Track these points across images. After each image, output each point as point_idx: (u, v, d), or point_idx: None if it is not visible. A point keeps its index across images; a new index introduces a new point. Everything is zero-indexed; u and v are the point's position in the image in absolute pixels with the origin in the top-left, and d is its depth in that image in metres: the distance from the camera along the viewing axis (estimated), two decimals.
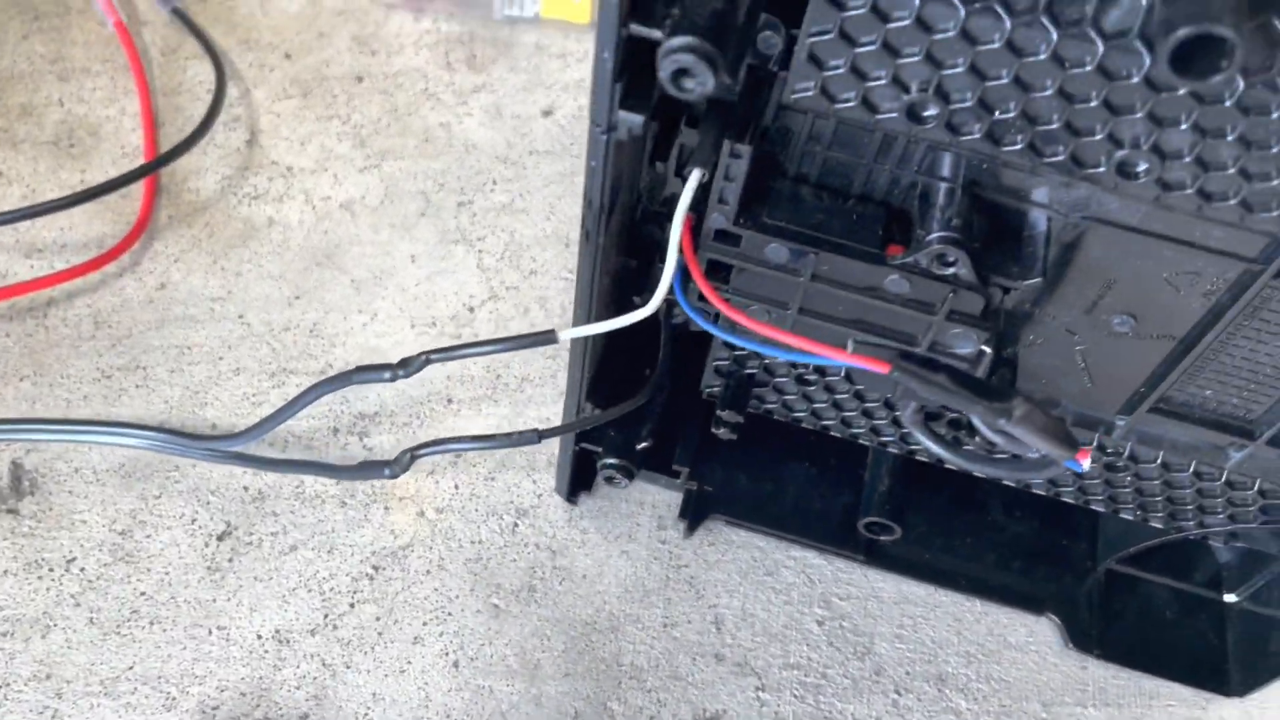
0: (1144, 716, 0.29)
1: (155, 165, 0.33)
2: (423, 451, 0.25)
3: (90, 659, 0.27)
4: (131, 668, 0.27)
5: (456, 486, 0.30)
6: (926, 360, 0.21)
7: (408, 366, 0.23)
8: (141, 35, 0.37)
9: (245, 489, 0.30)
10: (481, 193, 0.35)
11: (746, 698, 0.28)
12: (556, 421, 0.31)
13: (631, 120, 0.18)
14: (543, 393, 0.32)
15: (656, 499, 0.31)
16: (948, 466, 0.28)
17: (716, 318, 0.23)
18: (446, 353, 0.23)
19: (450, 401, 0.32)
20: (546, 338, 0.22)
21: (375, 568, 0.29)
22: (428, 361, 0.23)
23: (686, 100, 0.20)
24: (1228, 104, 0.17)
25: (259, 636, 0.28)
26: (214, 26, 0.38)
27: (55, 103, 0.36)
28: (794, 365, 0.26)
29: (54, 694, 0.27)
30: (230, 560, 0.29)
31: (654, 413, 0.28)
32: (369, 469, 0.26)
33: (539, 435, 0.25)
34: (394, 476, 0.25)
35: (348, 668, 0.28)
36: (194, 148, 0.34)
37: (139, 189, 0.34)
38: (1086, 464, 0.21)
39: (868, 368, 0.20)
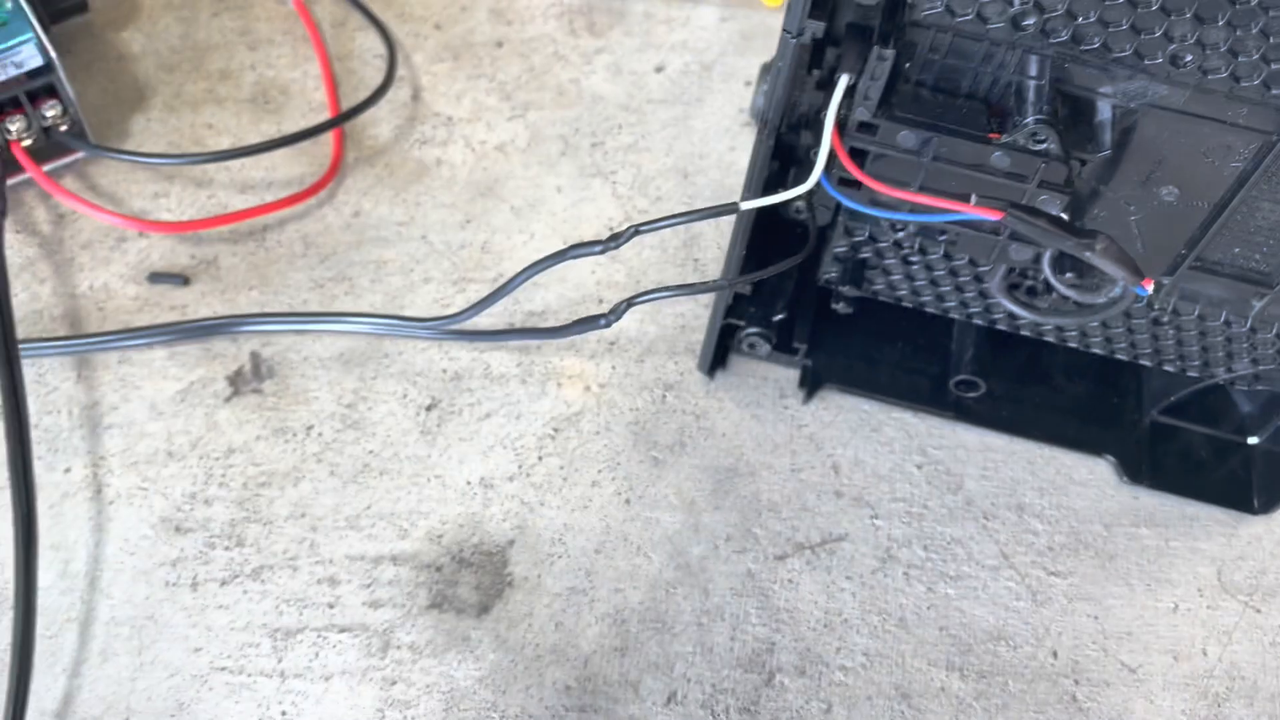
0: (1187, 533, 0.35)
1: (344, 118, 0.40)
2: (637, 300, 0.31)
3: (335, 501, 0.34)
4: (369, 507, 0.34)
5: (614, 367, 0.37)
6: (1029, 209, 0.27)
7: (617, 239, 0.29)
8: (314, 11, 0.43)
9: (444, 371, 0.36)
10: (610, 135, 0.42)
11: (864, 524, 0.34)
12: (701, 314, 0.37)
13: (815, 25, 0.25)
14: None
15: (779, 375, 0.37)
16: (1023, 333, 0.34)
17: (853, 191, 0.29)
18: (651, 224, 0.29)
19: (600, 301, 0.38)
20: (730, 208, 0.28)
21: (555, 429, 0.35)
22: (636, 232, 0.29)
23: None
24: (1253, 3, 0.24)
25: (468, 482, 0.34)
26: (372, 3, 0.44)
27: (248, 68, 0.42)
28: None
29: (309, 528, 0.33)
30: (438, 425, 0.35)
31: (785, 292, 0.35)
32: (586, 323, 0.32)
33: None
34: (608, 325, 0.31)
35: (542, 505, 0.34)
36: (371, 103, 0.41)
37: (329, 137, 0.40)
38: (1150, 288, 0.27)
39: (986, 217, 0.27)
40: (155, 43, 0.42)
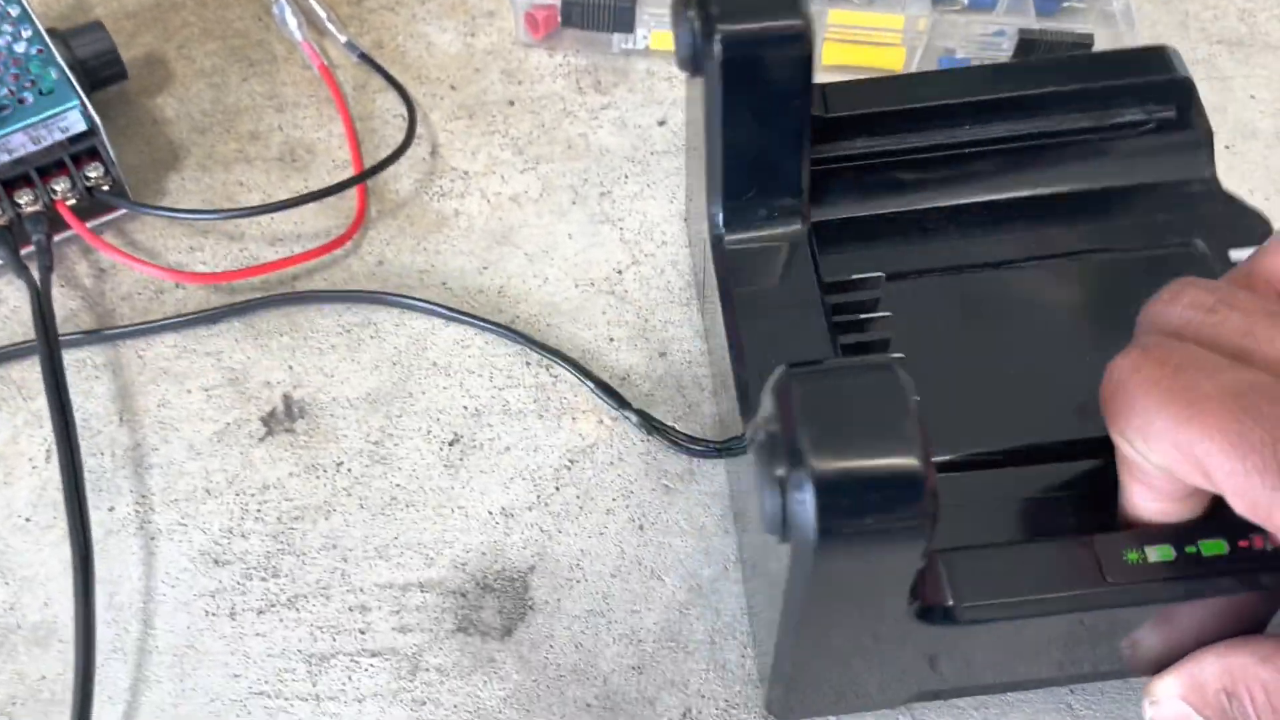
0: None
1: (367, 174, 0.42)
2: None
3: (364, 533, 0.35)
4: (397, 537, 0.35)
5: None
6: None
7: None
8: (337, 75, 0.45)
9: (465, 408, 0.38)
10: (617, 184, 0.44)
11: None
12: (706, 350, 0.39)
13: None
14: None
15: None
16: None
17: None
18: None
19: (611, 340, 0.40)
20: None
21: (571, 461, 0.37)
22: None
23: None
24: None
25: (490, 512, 0.36)
26: (391, 67, 0.46)
27: (276, 129, 0.44)
28: None
29: (340, 558, 0.34)
30: (461, 459, 0.37)
31: None
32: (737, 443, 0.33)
33: None
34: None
35: (560, 532, 0.35)
36: (382, 158, 0.43)
37: (353, 192, 0.42)
38: None
39: None
40: (188, 107, 0.44)
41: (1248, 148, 0.46)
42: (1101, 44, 0.47)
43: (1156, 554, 0.26)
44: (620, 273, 0.41)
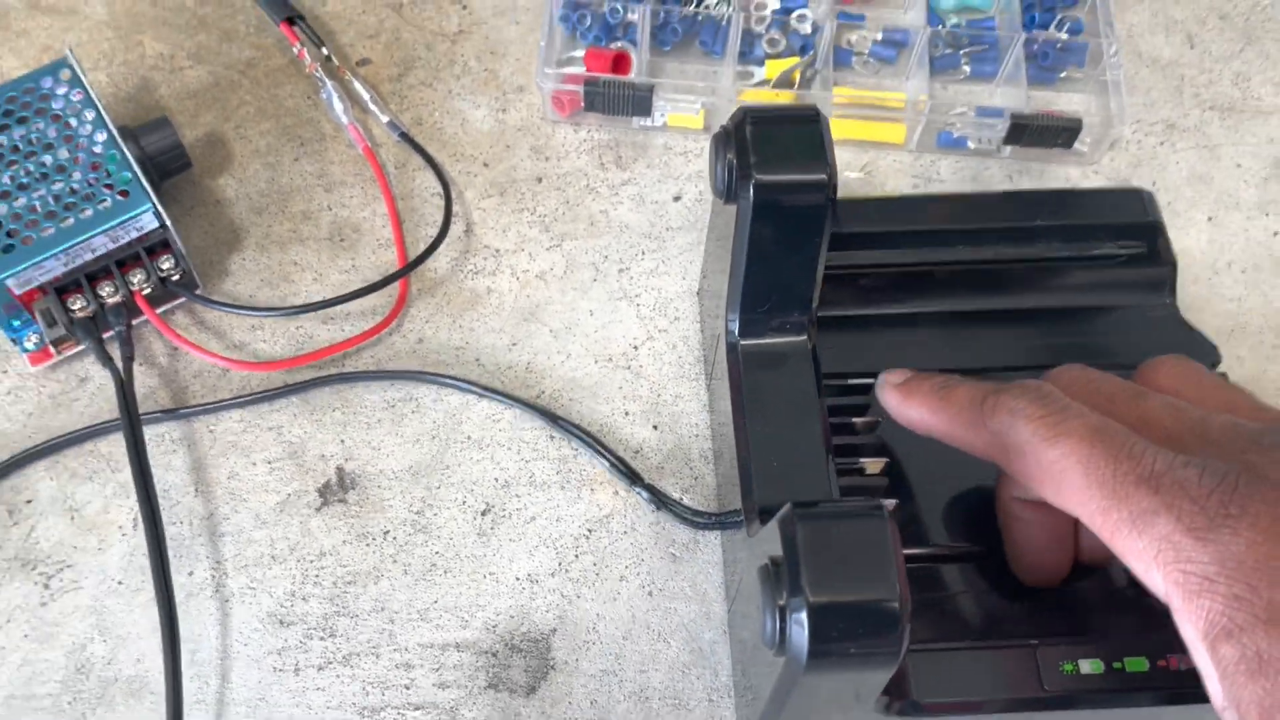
0: None
1: (410, 267, 0.45)
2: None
3: (408, 596, 0.39)
4: (436, 601, 0.39)
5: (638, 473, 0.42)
6: None
7: None
8: (379, 153, 0.49)
9: (495, 479, 0.42)
10: (635, 261, 0.47)
11: None
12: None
13: None
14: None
15: None
16: None
17: None
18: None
19: (627, 414, 0.43)
20: None
21: (589, 530, 0.41)
22: None
23: None
24: None
25: (517, 578, 0.40)
26: (429, 144, 0.49)
27: (325, 208, 0.47)
28: None
29: (388, 620, 0.39)
30: (492, 527, 0.41)
31: None
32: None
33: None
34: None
35: (578, 597, 0.39)
36: (422, 237, 0.46)
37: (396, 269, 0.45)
38: None
39: None
40: (246, 188, 0.48)
41: (1229, 219, 0.48)
42: (1096, 114, 0.49)
43: (1089, 666, 0.30)
44: (636, 349, 0.45)
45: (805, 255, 0.34)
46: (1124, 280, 0.37)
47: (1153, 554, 0.25)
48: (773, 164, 0.33)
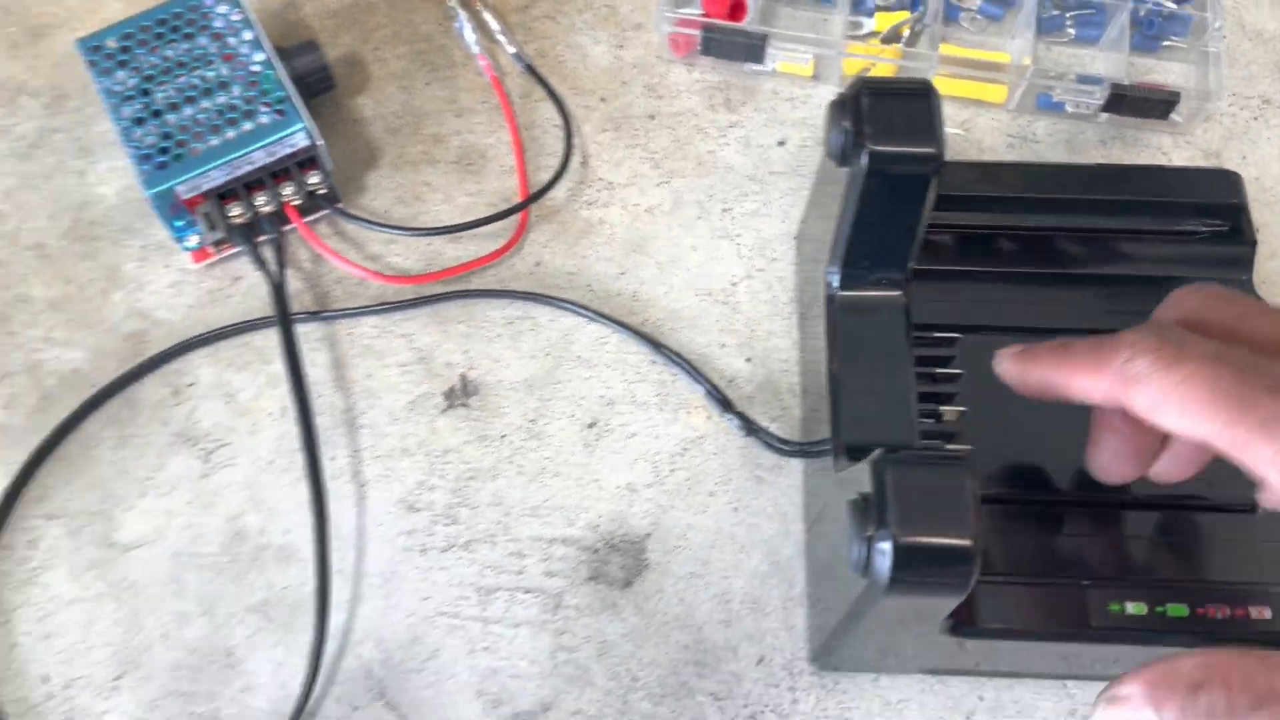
0: None
1: (532, 199, 0.48)
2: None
3: (522, 494, 0.44)
4: (546, 500, 0.44)
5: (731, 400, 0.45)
6: None
7: None
8: (505, 83, 0.51)
9: (601, 397, 0.45)
10: (738, 202, 0.49)
11: None
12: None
13: None
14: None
15: None
16: None
17: None
18: None
19: (723, 345, 0.46)
20: None
21: (684, 449, 0.45)
22: None
23: None
24: None
25: (618, 486, 0.44)
26: (551, 76, 0.52)
27: (454, 133, 0.51)
28: None
29: (504, 514, 0.43)
30: (597, 440, 0.45)
31: None
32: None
33: None
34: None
35: (672, 507, 0.44)
36: (542, 165, 0.49)
37: (519, 193, 0.49)
38: None
39: None
40: (382, 109, 0.51)
41: None
42: (1193, 85, 0.50)
43: (1133, 608, 0.33)
44: (734, 285, 0.48)
45: (908, 219, 0.37)
46: (1204, 255, 0.40)
47: None
48: (886, 135, 0.35)
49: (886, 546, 0.29)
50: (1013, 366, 0.33)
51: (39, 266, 0.48)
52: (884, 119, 0.35)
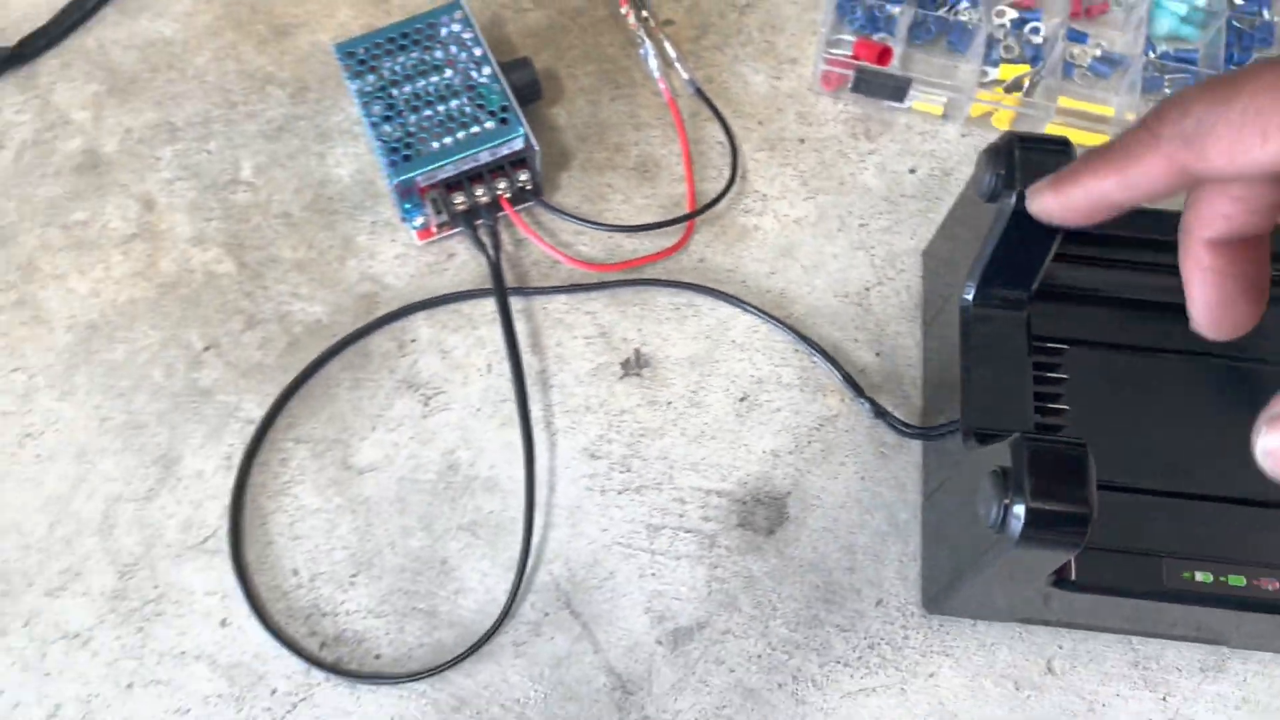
0: None
1: (701, 210, 0.57)
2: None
3: (684, 452, 0.52)
4: (704, 458, 0.52)
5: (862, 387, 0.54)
6: None
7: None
8: (678, 103, 0.60)
9: (751, 376, 0.54)
10: (873, 219, 0.58)
11: None
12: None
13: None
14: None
15: None
16: None
17: None
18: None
19: (855, 340, 0.55)
20: None
21: (820, 424, 0.53)
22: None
23: None
24: None
25: (764, 452, 0.52)
26: (717, 99, 0.60)
27: (634, 144, 0.59)
28: None
29: (669, 466, 0.52)
30: (748, 412, 0.53)
31: None
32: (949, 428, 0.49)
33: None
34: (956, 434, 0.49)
35: (809, 473, 0.52)
36: (706, 176, 0.57)
37: (688, 200, 0.57)
38: None
39: None
40: (574, 119, 0.60)
41: None
42: None
43: (1201, 577, 0.41)
44: (867, 290, 0.56)
45: (1038, 253, 0.45)
46: None
47: None
48: (1031, 181, 0.43)
49: (1020, 510, 0.38)
50: (1050, 197, 0.30)
51: (286, 232, 0.57)
52: (1030, 167, 0.43)
